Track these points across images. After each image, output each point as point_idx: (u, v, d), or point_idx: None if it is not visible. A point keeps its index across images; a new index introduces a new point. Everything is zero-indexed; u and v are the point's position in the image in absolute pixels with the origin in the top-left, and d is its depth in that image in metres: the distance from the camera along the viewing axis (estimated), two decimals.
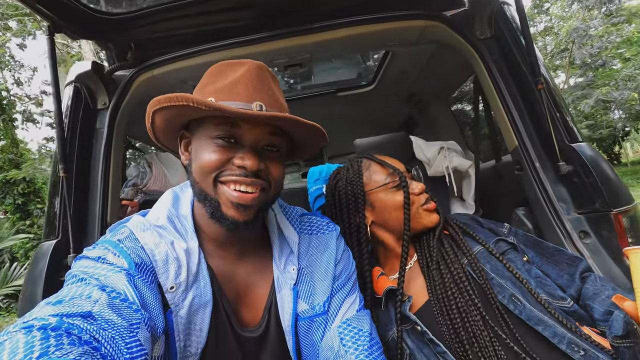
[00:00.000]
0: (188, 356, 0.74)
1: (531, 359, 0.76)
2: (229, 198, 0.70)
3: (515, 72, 1.29)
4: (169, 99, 0.66)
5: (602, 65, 11.38)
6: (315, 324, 0.81)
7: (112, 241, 0.70)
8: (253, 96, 0.71)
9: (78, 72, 1.32)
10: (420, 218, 0.99)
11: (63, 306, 0.52)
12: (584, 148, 1.17)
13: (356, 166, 1.06)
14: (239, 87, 0.71)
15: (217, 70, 0.76)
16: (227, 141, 0.70)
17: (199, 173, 0.72)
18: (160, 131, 0.78)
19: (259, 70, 0.74)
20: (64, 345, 0.45)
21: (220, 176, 0.71)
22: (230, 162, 0.70)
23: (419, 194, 1.01)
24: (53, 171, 1.31)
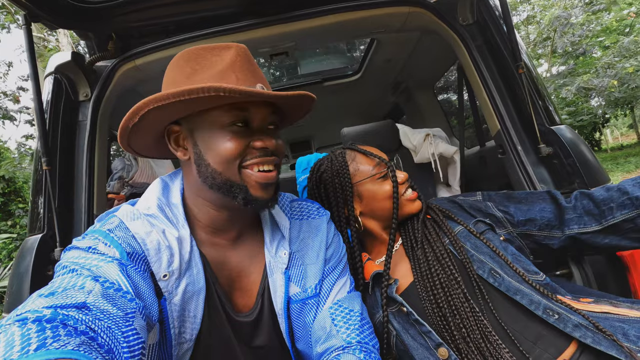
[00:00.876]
0: (183, 342, 0.75)
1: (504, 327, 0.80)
2: (256, 180, 0.72)
3: (497, 57, 1.31)
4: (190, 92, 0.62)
5: (582, 53, 11.60)
6: (307, 306, 0.83)
7: (102, 231, 0.70)
8: (252, 79, 0.72)
9: (58, 63, 1.29)
10: (404, 207, 1.01)
11: (56, 298, 0.52)
12: (563, 130, 1.21)
13: (341, 158, 1.06)
14: (237, 71, 0.70)
15: (194, 55, 0.72)
16: (240, 126, 0.71)
17: (221, 163, 0.70)
18: (142, 132, 0.73)
19: (247, 52, 0.74)
20: (60, 336, 0.44)
21: (243, 161, 0.71)
22: (249, 146, 0.71)
23: (402, 183, 1.03)
24: (35, 165, 1.28)
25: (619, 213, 0.89)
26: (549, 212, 0.98)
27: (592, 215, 0.93)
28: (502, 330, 0.81)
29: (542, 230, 0.98)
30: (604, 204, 0.91)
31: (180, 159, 0.76)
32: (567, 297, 0.86)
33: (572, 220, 0.95)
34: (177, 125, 0.75)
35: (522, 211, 1.00)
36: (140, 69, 1.36)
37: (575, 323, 0.76)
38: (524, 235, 1.00)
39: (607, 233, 0.92)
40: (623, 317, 0.78)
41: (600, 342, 0.73)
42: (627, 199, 0.89)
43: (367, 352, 0.75)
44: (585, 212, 0.94)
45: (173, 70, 0.73)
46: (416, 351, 0.86)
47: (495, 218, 1.01)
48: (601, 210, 0.92)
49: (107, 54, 1.34)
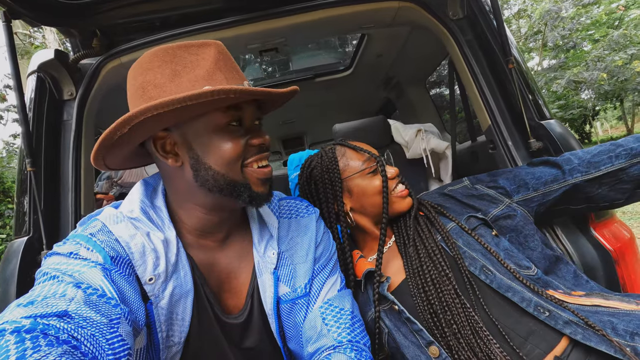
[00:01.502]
0: (171, 346, 0.74)
1: (496, 323, 0.81)
2: (257, 177, 0.73)
3: (487, 52, 1.31)
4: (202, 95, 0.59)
5: (572, 47, 11.69)
6: (297, 306, 0.82)
7: (84, 235, 0.68)
8: (237, 77, 0.71)
9: (40, 61, 1.26)
10: (394, 204, 1.01)
11: (36, 307, 0.50)
12: (553, 125, 1.21)
13: (331, 154, 1.06)
14: (225, 71, 0.69)
15: (170, 55, 0.67)
16: (235, 126, 0.71)
17: (224, 165, 0.69)
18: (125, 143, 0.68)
19: (225, 49, 0.73)
20: (41, 347, 0.43)
21: (245, 160, 0.72)
22: (247, 144, 0.71)
23: (392, 178, 1.02)
24: (20, 166, 1.25)
25: (617, 161, 0.95)
26: (540, 172, 1.01)
27: (589, 164, 0.97)
28: (493, 326, 0.81)
29: (537, 190, 1.00)
30: (601, 154, 0.97)
31: (172, 165, 0.71)
32: (559, 291, 0.86)
33: (574, 169, 0.98)
34: (163, 132, 0.70)
35: (510, 179, 1.03)
36: (126, 66, 1.33)
37: (565, 320, 0.76)
38: (525, 202, 1.01)
39: (601, 181, 0.97)
40: (613, 311, 0.78)
41: (590, 338, 0.74)
42: (623, 150, 0.95)
43: (359, 351, 0.75)
44: (582, 162, 0.98)
45: (148, 73, 0.67)
46: (407, 349, 0.86)
47: (490, 197, 1.01)
48: (599, 159, 0.97)
49: (92, 51, 1.30)
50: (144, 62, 0.68)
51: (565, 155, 1.02)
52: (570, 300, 0.82)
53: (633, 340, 0.71)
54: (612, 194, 0.98)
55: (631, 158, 0.94)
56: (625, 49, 10.03)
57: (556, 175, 0.99)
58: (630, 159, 0.94)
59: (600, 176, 0.96)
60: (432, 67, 2.36)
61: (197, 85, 0.65)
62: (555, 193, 0.99)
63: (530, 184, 1.00)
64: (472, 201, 1.02)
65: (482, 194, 1.02)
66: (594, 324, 0.74)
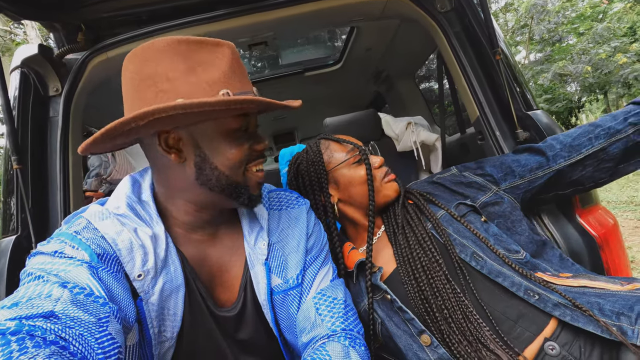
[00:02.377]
0: (164, 341, 0.74)
1: (485, 308, 0.83)
2: (256, 180, 0.76)
3: (475, 43, 1.32)
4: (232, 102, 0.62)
5: (558, 40, 11.87)
6: (290, 297, 0.83)
7: (69, 233, 0.67)
8: (247, 83, 0.71)
9: (24, 57, 1.23)
10: (383, 190, 1.02)
11: (20, 308, 0.49)
12: (539, 115, 1.23)
13: (315, 147, 1.08)
14: (238, 75, 0.69)
15: (185, 49, 0.65)
16: (243, 131, 0.73)
17: (230, 167, 0.71)
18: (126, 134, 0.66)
19: (237, 52, 0.72)
20: (28, 348, 0.42)
21: (247, 164, 0.74)
22: (251, 148, 0.74)
23: (379, 167, 1.04)
24: (6, 164, 1.23)
25: (597, 142, 0.97)
26: (525, 159, 1.03)
27: (571, 147, 1.00)
28: (483, 310, 0.83)
29: (523, 177, 1.02)
30: (581, 137, 1.00)
31: (174, 161, 0.69)
32: (547, 273, 0.89)
33: (557, 155, 1.00)
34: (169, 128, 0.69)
35: (497, 167, 1.05)
36: (113, 61, 1.31)
37: (554, 302, 0.79)
38: (511, 189, 1.03)
39: (584, 163, 0.99)
40: (600, 292, 0.81)
41: (578, 319, 0.76)
42: (602, 130, 0.98)
43: (352, 339, 0.76)
44: (564, 147, 1.00)
45: (160, 63, 0.64)
46: (400, 339, 0.88)
47: (478, 184, 1.04)
48: (579, 142, 0.99)
49: (77, 46, 1.28)
50: (155, 50, 0.64)
51: (547, 141, 1.04)
52: (559, 281, 0.85)
53: (619, 320, 0.74)
54: (597, 174, 1.00)
55: (609, 137, 0.97)
56: (609, 41, 10.23)
57: (540, 162, 1.01)
58: (608, 138, 0.97)
59: (583, 159, 0.99)
60: (421, 61, 2.37)
61: (215, 88, 0.64)
62: (540, 180, 1.02)
63: (517, 172, 1.02)
64: (461, 188, 1.04)
65: (470, 182, 1.05)
66: (582, 305, 0.77)
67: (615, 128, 0.96)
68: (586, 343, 0.76)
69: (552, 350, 0.76)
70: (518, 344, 0.79)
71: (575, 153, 0.99)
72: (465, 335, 0.81)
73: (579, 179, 1.02)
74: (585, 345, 0.76)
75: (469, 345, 0.80)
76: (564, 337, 0.77)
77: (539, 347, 0.77)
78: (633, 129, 0.95)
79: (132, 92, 0.66)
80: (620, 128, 0.96)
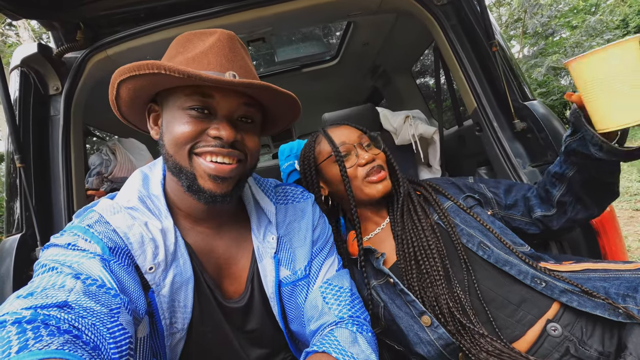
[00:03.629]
0: (175, 332, 0.75)
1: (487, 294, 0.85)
2: (205, 170, 0.68)
3: (471, 36, 1.34)
4: (139, 67, 0.63)
5: (551, 33, 11.92)
6: (298, 288, 0.84)
7: (81, 227, 0.68)
8: (225, 65, 0.69)
9: (23, 56, 1.23)
10: (364, 189, 1.00)
11: (35, 298, 0.50)
12: (536, 106, 1.25)
13: (311, 141, 1.10)
14: (210, 56, 0.69)
15: (185, 39, 0.73)
16: (200, 112, 0.68)
17: (172, 145, 0.69)
18: (126, 105, 0.74)
19: (229, 39, 0.72)
20: (43, 337, 0.43)
21: (195, 148, 0.69)
22: (205, 133, 0.68)
23: (365, 164, 1.01)
24: (8, 164, 1.23)
25: (555, 191, 0.93)
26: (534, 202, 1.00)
27: (545, 201, 0.97)
28: (487, 295, 0.85)
29: (524, 217, 1.02)
30: (544, 188, 0.96)
31: (153, 137, 0.77)
32: (550, 262, 0.91)
33: (535, 205, 0.99)
34: (157, 105, 0.76)
35: (510, 196, 1.04)
36: (113, 59, 1.32)
37: (561, 289, 0.81)
38: (509, 219, 1.03)
39: (562, 212, 0.94)
40: (604, 275, 0.83)
41: (585, 304, 0.78)
42: (552, 177, 0.93)
43: (359, 325, 0.78)
44: (540, 199, 0.99)
45: (166, 53, 0.75)
46: (401, 320, 0.90)
47: (486, 197, 1.05)
48: (546, 194, 0.96)
49: (76, 44, 1.28)
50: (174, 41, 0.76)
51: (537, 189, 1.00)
52: (562, 268, 0.87)
53: (625, 302, 0.77)
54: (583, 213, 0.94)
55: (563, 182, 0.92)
56: (602, 34, 10.28)
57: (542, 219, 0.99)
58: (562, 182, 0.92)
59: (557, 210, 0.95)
60: (418, 55, 2.38)
61: (183, 63, 0.69)
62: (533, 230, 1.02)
63: (521, 209, 1.02)
64: (468, 191, 1.06)
65: (481, 192, 1.06)
66: (592, 291, 0.79)
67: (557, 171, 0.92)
68: (588, 323, 0.78)
69: (554, 332, 0.78)
70: (520, 326, 0.81)
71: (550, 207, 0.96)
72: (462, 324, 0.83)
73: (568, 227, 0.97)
74: (587, 325, 0.78)
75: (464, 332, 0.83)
76: (566, 319, 0.79)
77: (542, 328, 0.80)
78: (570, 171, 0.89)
79: None
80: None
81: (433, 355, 0.86)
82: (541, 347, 0.79)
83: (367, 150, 1.04)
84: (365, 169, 1.01)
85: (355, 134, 1.07)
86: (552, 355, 0.78)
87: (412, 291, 0.91)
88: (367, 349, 0.72)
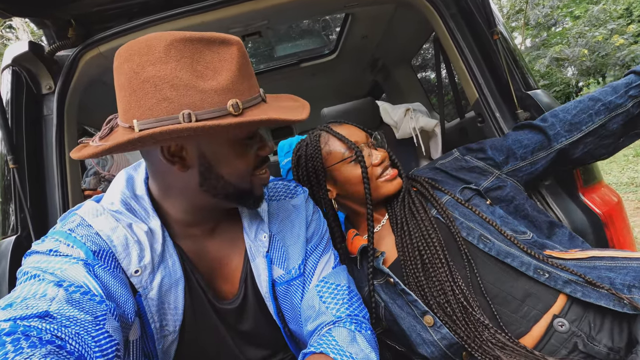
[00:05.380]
0: (166, 335, 0.73)
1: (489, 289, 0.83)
2: (261, 183, 0.75)
3: (471, 25, 1.30)
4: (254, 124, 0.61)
5: (554, 24, 11.79)
6: (293, 287, 0.82)
7: (63, 232, 0.66)
8: (255, 85, 0.67)
9: (14, 55, 1.21)
10: (380, 189, 0.99)
11: (15, 309, 0.48)
12: (540, 95, 1.22)
13: (315, 141, 1.04)
14: (246, 80, 0.64)
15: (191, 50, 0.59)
16: (250, 140, 0.71)
17: (236, 177, 0.70)
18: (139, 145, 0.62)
19: (245, 50, 0.66)
20: (23, 349, 0.42)
21: (254, 171, 0.73)
22: (257, 155, 0.73)
23: (380, 164, 0.99)
24: (2, 165, 1.21)
25: (597, 118, 0.95)
26: (527, 140, 1.01)
27: (572, 125, 0.97)
28: (490, 291, 0.82)
29: (525, 159, 1.00)
30: (581, 113, 0.97)
31: (179, 171, 0.66)
32: (556, 250, 0.88)
33: (558, 134, 0.98)
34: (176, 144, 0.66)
35: (498, 149, 1.03)
36: (106, 56, 1.29)
37: (565, 279, 0.78)
38: (514, 172, 1.01)
39: (585, 141, 0.97)
40: (610, 264, 0.80)
41: (589, 294, 0.76)
42: (602, 105, 0.95)
43: (358, 323, 0.76)
44: (564, 125, 0.98)
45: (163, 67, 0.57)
46: (403, 320, 0.88)
47: (479, 169, 1.02)
48: (579, 119, 0.97)
49: (68, 42, 1.25)
50: (157, 50, 0.57)
51: (547, 119, 1.01)
52: (567, 256, 0.84)
53: (630, 292, 0.74)
54: (597, 150, 0.99)
55: (610, 112, 0.95)
56: (605, 24, 10.15)
57: (542, 143, 1.00)
58: (609, 113, 0.95)
59: (583, 137, 0.97)
60: (418, 47, 2.34)
61: (223, 97, 0.59)
62: (542, 161, 1.00)
63: (518, 154, 1.01)
64: (463, 174, 1.03)
65: (472, 166, 1.03)
66: (594, 281, 0.76)
67: (615, 102, 0.94)
68: (596, 317, 0.76)
69: (561, 327, 0.76)
70: (525, 322, 0.79)
71: (576, 131, 0.97)
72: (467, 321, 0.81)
73: (580, 157, 1.00)
74: (595, 319, 0.75)
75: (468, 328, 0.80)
76: (573, 313, 0.76)
77: (548, 324, 0.77)
78: (632, 101, 0.93)
79: (129, 94, 0.59)
80: (620, 102, 0.94)
81: (436, 355, 0.84)
82: (548, 343, 0.76)
83: (376, 149, 1.03)
84: (380, 168, 1.00)
85: (362, 133, 1.04)
86: (559, 352, 0.75)
87: (413, 291, 0.88)
88: (366, 347, 0.70)
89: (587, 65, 10.91)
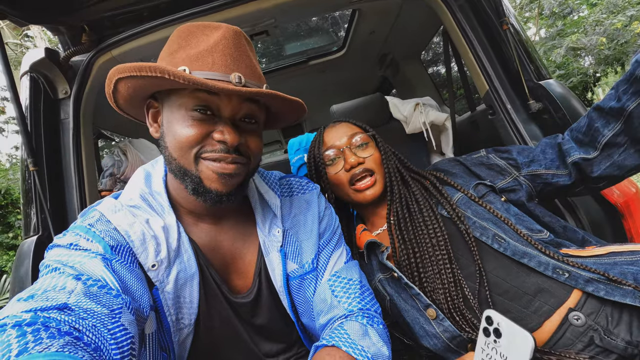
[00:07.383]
0: (182, 328, 0.75)
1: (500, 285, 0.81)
2: (212, 169, 0.67)
3: (480, 15, 1.28)
4: (139, 69, 0.60)
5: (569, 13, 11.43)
6: (306, 281, 0.83)
7: (83, 226, 0.68)
8: (231, 66, 0.66)
9: (32, 61, 1.25)
10: (352, 195, 1.01)
11: (36, 301, 0.50)
12: (553, 85, 1.19)
13: (315, 141, 1.08)
14: (215, 55, 0.66)
15: (187, 32, 0.69)
16: (203, 113, 0.66)
17: (176, 149, 0.67)
18: (123, 99, 0.72)
19: (235, 35, 0.69)
20: (43, 339, 0.43)
21: (201, 152, 0.67)
22: (210, 136, 0.67)
23: (350, 169, 0.99)
24: (22, 168, 1.26)
25: (607, 130, 0.83)
26: (550, 153, 0.95)
27: (585, 144, 0.88)
28: (500, 286, 0.81)
29: (548, 169, 0.95)
30: (589, 129, 0.87)
31: (153, 135, 0.75)
32: (572, 247, 0.86)
33: (571, 148, 0.90)
34: (156, 102, 0.73)
35: (524, 154, 0.99)
36: (118, 59, 1.32)
37: (586, 279, 0.76)
38: (532, 177, 0.96)
39: (606, 156, 0.85)
40: (631, 259, 0.78)
41: (613, 292, 0.73)
42: (605, 114, 0.83)
43: (370, 317, 0.76)
44: (577, 142, 0.90)
45: (166, 45, 0.72)
46: (407, 313, 0.88)
47: (499, 167, 1.00)
48: (591, 135, 0.86)
49: (82, 47, 1.29)
50: (172, 34, 0.72)
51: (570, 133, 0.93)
52: (585, 253, 0.82)
53: None
54: None
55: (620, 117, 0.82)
56: (624, 10, 9.79)
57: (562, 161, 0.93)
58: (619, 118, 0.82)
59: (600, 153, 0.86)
60: (427, 40, 2.31)
61: (186, 61, 0.65)
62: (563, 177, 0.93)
63: (543, 163, 0.96)
64: (480, 170, 1.00)
65: (492, 164, 1.00)
66: (618, 278, 0.74)
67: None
68: (613, 311, 0.74)
69: (577, 321, 0.74)
70: (536, 317, 0.77)
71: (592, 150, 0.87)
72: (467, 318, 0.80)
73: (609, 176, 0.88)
74: (613, 313, 0.74)
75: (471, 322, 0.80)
76: (589, 307, 0.75)
77: (562, 318, 0.75)
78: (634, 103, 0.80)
79: None
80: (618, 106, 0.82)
81: (439, 348, 0.84)
82: (563, 337, 0.75)
83: (356, 153, 1.00)
84: (350, 175, 0.99)
85: (347, 134, 1.03)
86: (575, 345, 0.74)
87: (416, 284, 0.88)
88: (378, 341, 0.70)
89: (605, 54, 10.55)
